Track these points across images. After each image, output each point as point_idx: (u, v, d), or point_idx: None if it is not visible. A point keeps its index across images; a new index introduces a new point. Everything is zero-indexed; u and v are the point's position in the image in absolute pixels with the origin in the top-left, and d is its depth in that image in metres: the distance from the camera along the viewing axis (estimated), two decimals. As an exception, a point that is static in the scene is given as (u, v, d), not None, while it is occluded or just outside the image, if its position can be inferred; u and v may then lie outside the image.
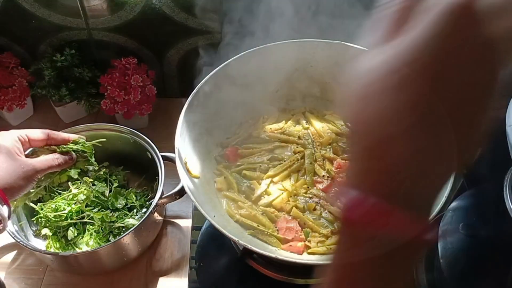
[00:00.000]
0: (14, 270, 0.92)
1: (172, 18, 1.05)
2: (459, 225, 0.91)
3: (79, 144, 0.85)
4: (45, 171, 0.78)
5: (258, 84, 0.99)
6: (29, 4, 1.03)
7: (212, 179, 0.93)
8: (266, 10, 0.96)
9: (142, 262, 0.93)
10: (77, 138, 0.86)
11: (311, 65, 1.00)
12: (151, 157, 0.94)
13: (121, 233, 0.90)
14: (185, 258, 0.94)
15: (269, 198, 0.90)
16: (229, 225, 0.85)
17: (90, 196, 0.92)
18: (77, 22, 1.07)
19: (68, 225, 0.91)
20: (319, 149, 0.97)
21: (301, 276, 0.88)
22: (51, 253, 0.87)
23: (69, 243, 0.90)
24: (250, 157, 0.97)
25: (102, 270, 0.90)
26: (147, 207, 0.94)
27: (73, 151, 0.84)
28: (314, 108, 1.06)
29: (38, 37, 1.11)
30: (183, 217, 1.01)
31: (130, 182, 1.03)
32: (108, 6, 1.04)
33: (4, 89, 1.09)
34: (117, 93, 1.05)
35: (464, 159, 0.30)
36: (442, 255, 0.88)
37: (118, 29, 1.08)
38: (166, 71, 1.18)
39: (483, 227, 0.91)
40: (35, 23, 1.07)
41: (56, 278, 0.91)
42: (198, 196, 0.79)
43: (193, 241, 0.97)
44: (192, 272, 0.92)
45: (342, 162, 0.95)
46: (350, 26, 0.88)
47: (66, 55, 1.08)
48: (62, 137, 0.83)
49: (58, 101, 1.12)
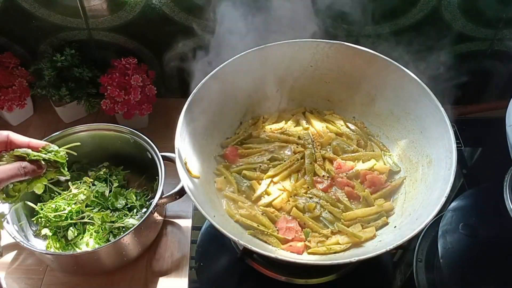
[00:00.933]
0: (14, 270, 0.92)
1: (172, 18, 1.05)
2: (459, 225, 0.91)
3: (51, 153, 0.76)
4: (7, 181, 0.70)
5: (258, 84, 0.99)
6: (29, 4, 1.03)
7: (212, 179, 0.93)
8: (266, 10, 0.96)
9: (142, 262, 0.93)
10: (47, 145, 0.76)
11: (310, 65, 1.00)
12: (151, 157, 0.94)
13: (121, 233, 0.90)
14: (185, 258, 0.94)
15: (269, 198, 0.90)
16: (229, 225, 0.85)
17: (90, 196, 0.92)
18: (77, 22, 1.07)
19: (68, 225, 0.91)
20: (319, 149, 0.97)
21: (301, 276, 0.88)
22: (51, 253, 0.87)
23: (69, 243, 0.90)
24: (250, 157, 0.97)
25: (102, 270, 0.90)
26: (147, 207, 0.94)
27: (43, 160, 0.74)
28: (314, 108, 1.06)
29: (38, 37, 1.11)
30: (183, 217, 1.01)
31: (130, 182, 1.02)
32: (108, 6, 1.04)
33: (4, 89, 1.09)
34: (117, 93, 1.05)
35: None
36: (442, 255, 0.88)
37: (118, 29, 1.08)
38: (166, 71, 1.18)
39: (483, 227, 0.91)
40: (35, 23, 1.07)
41: (56, 278, 0.91)
42: (198, 196, 0.79)
43: (193, 241, 0.97)
44: (192, 272, 0.92)
45: (342, 162, 0.95)
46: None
47: (66, 55, 1.08)
48: (22, 141, 0.73)
49: (58, 101, 1.12)
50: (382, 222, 0.87)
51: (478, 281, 0.87)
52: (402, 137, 0.96)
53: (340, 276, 0.89)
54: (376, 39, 1.07)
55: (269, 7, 0.98)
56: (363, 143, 0.99)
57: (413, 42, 1.04)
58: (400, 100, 0.95)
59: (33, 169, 0.72)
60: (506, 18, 1.05)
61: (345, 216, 0.87)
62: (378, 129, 1.01)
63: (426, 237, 0.95)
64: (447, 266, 0.87)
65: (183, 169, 0.81)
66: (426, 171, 0.87)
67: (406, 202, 0.88)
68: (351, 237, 0.84)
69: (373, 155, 0.97)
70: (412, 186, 0.89)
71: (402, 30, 1.06)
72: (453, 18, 1.04)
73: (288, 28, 0.99)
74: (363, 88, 0.99)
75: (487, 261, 0.89)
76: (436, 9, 1.03)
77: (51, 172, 0.77)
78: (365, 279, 0.92)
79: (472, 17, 1.05)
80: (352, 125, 1.02)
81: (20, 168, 0.71)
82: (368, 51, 0.94)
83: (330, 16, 1.02)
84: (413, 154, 0.93)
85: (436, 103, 0.86)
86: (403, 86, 0.92)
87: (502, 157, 0.86)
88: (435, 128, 0.87)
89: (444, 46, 1.10)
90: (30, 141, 0.74)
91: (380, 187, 0.92)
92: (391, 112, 0.98)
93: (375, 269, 0.94)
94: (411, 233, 0.72)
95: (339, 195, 0.90)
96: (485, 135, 1.13)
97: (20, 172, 0.71)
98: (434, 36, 1.07)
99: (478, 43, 1.10)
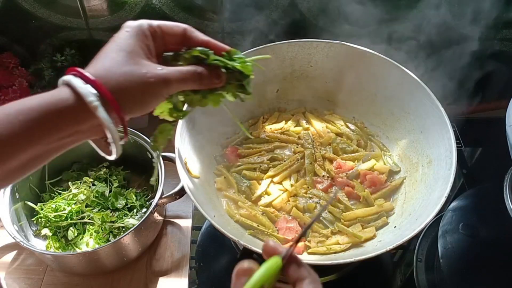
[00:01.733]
0: (14, 270, 0.92)
1: (172, 18, 1.05)
2: (459, 225, 0.91)
3: (236, 60, 0.58)
4: (178, 87, 0.54)
5: (258, 84, 0.99)
6: (29, 4, 1.03)
7: (212, 179, 0.93)
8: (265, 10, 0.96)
9: (142, 262, 0.93)
10: (231, 50, 0.58)
11: (310, 65, 1.00)
12: (151, 157, 0.94)
13: (121, 233, 0.90)
14: (185, 258, 0.94)
15: (269, 198, 0.90)
16: (229, 225, 0.85)
17: (90, 196, 0.92)
18: (77, 22, 1.07)
19: (68, 225, 0.90)
20: (319, 149, 0.97)
21: (301, 276, 0.88)
22: (51, 253, 0.86)
23: (69, 243, 0.90)
24: (250, 157, 0.97)
25: (102, 270, 0.90)
26: (147, 207, 0.94)
27: (225, 68, 0.57)
28: (314, 108, 1.06)
29: (38, 37, 1.11)
30: (183, 217, 1.01)
31: (130, 182, 1.02)
32: (108, 6, 1.03)
33: (4, 89, 1.09)
34: (117, 93, 1.05)
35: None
36: (442, 254, 0.88)
37: (118, 29, 1.08)
38: (166, 71, 1.18)
39: (483, 227, 0.91)
40: (35, 23, 1.07)
41: (56, 278, 0.91)
42: (198, 196, 0.79)
43: (193, 241, 0.97)
44: (192, 272, 0.92)
45: (342, 162, 0.95)
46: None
47: (66, 55, 1.08)
48: (202, 39, 0.57)
49: (58, 101, 1.12)
50: (382, 222, 0.87)
51: (478, 281, 0.87)
52: (402, 137, 0.96)
53: (340, 276, 0.89)
54: (376, 40, 1.07)
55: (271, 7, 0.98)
56: (363, 143, 0.99)
57: (413, 42, 1.04)
58: (400, 100, 0.95)
59: (209, 77, 0.56)
60: (506, 18, 1.05)
61: (345, 216, 0.87)
62: (378, 129, 1.01)
63: (426, 237, 0.95)
64: (447, 266, 0.87)
65: (183, 169, 0.81)
66: (426, 171, 0.87)
67: (406, 202, 0.88)
68: (351, 237, 0.84)
69: (373, 155, 0.96)
70: (412, 186, 0.89)
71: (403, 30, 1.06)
72: (453, 17, 1.04)
73: (289, 28, 0.99)
74: (363, 88, 0.99)
75: (487, 261, 0.88)
76: (436, 9, 1.02)
77: (233, 85, 0.59)
78: (365, 279, 0.92)
79: (472, 17, 1.05)
80: (352, 125, 1.02)
81: (195, 72, 0.54)
82: (368, 51, 0.94)
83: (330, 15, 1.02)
84: (413, 154, 0.93)
85: (436, 103, 0.86)
86: (403, 86, 0.92)
87: (502, 157, 0.85)
88: (435, 128, 0.87)
89: (445, 46, 1.10)
90: (209, 40, 0.57)
91: (380, 187, 0.92)
92: (391, 112, 0.98)
93: (375, 269, 0.94)
94: (411, 233, 0.72)
95: (339, 195, 0.90)
96: (485, 135, 1.13)
97: (194, 78, 0.54)
98: (434, 36, 1.07)
99: (479, 43, 1.10)
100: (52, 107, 0.46)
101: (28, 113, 0.45)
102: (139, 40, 0.52)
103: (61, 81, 0.49)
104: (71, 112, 0.46)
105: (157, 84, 0.51)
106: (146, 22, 0.53)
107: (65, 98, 0.47)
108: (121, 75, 0.49)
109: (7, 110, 0.45)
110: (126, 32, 0.52)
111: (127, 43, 0.51)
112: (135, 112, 0.51)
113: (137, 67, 0.50)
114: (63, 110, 0.46)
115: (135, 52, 0.51)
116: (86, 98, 0.46)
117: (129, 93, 0.49)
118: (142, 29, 0.53)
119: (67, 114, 0.46)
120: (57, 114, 0.46)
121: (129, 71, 0.49)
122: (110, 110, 0.47)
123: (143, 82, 0.50)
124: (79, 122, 0.47)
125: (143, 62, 0.51)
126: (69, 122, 0.47)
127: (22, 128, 0.44)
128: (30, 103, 0.46)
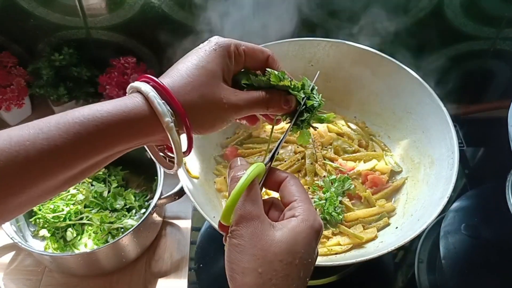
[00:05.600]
0: (12, 271, 0.91)
1: (171, 17, 1.04)
2: (461, 226, 0.91)
3: (306, 89, 0.56)
4: (247, 112, 0.52)
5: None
6: (27, 3, 1.02)
7: (211, 180, 0.92)
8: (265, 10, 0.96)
9: (141, 263, 0.93)
10: (305, 80, 0.57)
11: (311, 64, 0.99)
12: (150, 157, 0.93)
13: (120, 234, 0.89)
14: (185, 259, 0.94)
15: (269, 199, 0.89)
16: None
17: (89, 197, 0.92)
18: (75, 21, 1.06)
19: (66, 226, 0.90)
20: (320, 149, 0.96)
21: (302, 277, 0.88)
22: (49, 254, 0.86)
23: (67, 244, 0.90)
24: (250, 157, 0.96)
25: (100, 271, 0.89)
26: (146, 208, 0.94)
27: (294, 94, 0.54)
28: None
29: (36, 36, 1.11)
30: (183, 218, 1.00)
31: (129, 182, 1.02)
32: (106, 5, 1.03)
33: (2, 89, 1.09)
34: (115, 93, 1.05)
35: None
36: (444, 255, 0.87)
37: (116, 28, 1.08)
38: (165, 70, 1.17)
39: (485, 227, 0.91)
40: (33, 22, 1.06)
41: (55, 279, 0.91)
42: (198, 197, 0.78)
43: (192, 242, 0.96)
44: (191, 273, 0.92)
45: (343, 162, 0.94)
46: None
47: (64, 54, 1.07)
48: (279, 66, 0.56)
49: (56, 101, 1.11)
50: (384, 223, 0.86)
51: (480, 282, 0.86)
52: (403, 137, 0.96)
53: (341, 277, 0.88)
54: (377, 38, 1.06)
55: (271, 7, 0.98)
56: (365, 143, 0.99)
57: (415, 40, 1.03)
58: (402, 100, 0.94)
59: (278, 101, 0.53)
60: (508, 17, 1.04)
61: (346, 217, 0.86)
62: (379, 129, 1.01)
63: (428, 237, 0.95)
64: (449, 267, 0.86)
65: (182, 170, 0.80)
66: (428, 171, 0.86)
67: (407, 202, 0.88)
68: (352, 238, 0.83)
69: (374, 155, 0.96)
70: (414, 187, 0.89)
71: (404, 29, 1.05)
72: (454, 16, 1.04)
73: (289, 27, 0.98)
74: (364, 87, 0.99)
75: (489, 262, 0.88)
76: (438, 8, 1.02)
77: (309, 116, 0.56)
78: (366, 280, 0.91)
79: (474, 16, 1.04)
80: (353, 125, 1.01)
81: (263, 97, 0.52)
82: (370, 50, 0.93)
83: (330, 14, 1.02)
84: (415, 154, 0.92)
85: (438, 103, 0.86)
86: (405, 86, 0.92)
87: (504, 157, 0.85)
88: (437, 128, 0.86)
89: (446, 45, 1.09)
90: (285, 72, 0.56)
91: (381, 187, 0.91)
92: (392, 112, 0.97)
93: (376, 270, 0.93)
94: (412, 234, 0.71)
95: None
96: (488, 135, 1.12)
97: (261, 104, 0.52)
98: (436, 35, 1.07)
99: (480, 42, 1.10)
100: (123, 117, 0.44)
101: (100, 120, 0.43)
102: (222, 61, 0.49)
103: (135, 88, 0.46)
104: (143, 126, 0.45)
105: (230, 111, 0.49)
106: (233, 43, 0.51)
107: (139, 112, 0.44)
108: (199, 96, 0.47)
109: (67, 118, 0.46)
110: (213, 50, 0.49)
111: (211, 62, 0.49)
112: (198, 132, 0.50)
113: (216, 91, 0.48)
114: (134, 125, 0.44)
115: (216, 73, 0.48)
116: (163, 118, 0.44)
117: (202, 115, 0.48)
118: (229, 51, 0.50)
119: (139, 129, 0.45)
120: (128, 125, 0.44)
121: (207, 93, 0.47)
122: (180, 128, 0.46)
123: (218, 107, 0.48)
124: (148, 135, 0.46)
125: (221, 86, 0.49)
126: (138, 135, 0.45)
127: (84, 139, 0.43)
128: (101, 112, 0.44)
